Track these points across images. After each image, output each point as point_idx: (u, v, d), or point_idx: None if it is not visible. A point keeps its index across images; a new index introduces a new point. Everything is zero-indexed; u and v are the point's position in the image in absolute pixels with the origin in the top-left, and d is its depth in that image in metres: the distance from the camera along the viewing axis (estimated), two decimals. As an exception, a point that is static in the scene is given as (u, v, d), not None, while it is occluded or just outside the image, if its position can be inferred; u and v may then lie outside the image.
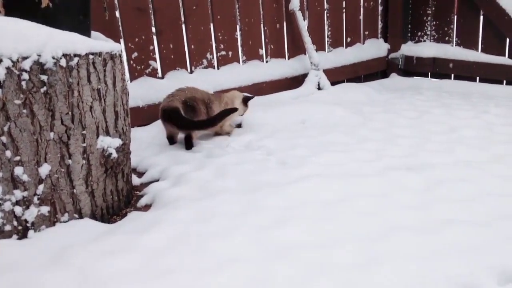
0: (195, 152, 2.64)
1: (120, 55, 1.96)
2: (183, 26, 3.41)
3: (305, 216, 1.80)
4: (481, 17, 4.15)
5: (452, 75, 4.42)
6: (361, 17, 4.59)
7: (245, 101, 2.99)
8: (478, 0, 4.06)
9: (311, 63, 3.99)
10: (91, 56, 1.77)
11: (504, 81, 4.06)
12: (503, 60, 4.02)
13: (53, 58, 1.64)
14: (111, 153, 1.91)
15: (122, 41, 3.10)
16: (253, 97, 3.07)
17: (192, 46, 3.43)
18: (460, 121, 3.06)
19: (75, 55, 1.71)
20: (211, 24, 3.55)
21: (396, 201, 1.91)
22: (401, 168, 2.25)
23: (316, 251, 1.56)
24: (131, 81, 3.16)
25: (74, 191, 1.81)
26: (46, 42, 1.64)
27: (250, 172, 2.26)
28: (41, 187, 1.71)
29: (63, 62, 1.67)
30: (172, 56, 3.34)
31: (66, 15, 1.86)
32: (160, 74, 3.33)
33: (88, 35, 2.00)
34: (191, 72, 3.45)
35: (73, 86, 1.72)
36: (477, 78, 4.24)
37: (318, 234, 1.67)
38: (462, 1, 4.26)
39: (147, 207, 2.07)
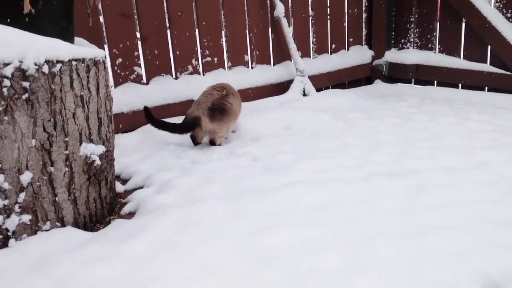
0: (180, 159, 2.62)
1: (104, 61, 1.95)
2: (168, 32, 3.40)
3: (291, 222, 1.80)
4: (463, 25, 4.21)
5: (435, 81, 4.47)
6: (346, 24, 4.63)
7: None
8: (460, 8, 4.12)
9: (296, 69, 4.01)
10: (74, 63, 1.75)
11: (486, 88, 4.13)
12: (485, 67, 4.08)
13: (35, 64, 1.62)
14: (94, 160, 1.89)
15: (106, 46, 3.08)
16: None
17: (177, 52, 3.42)
18: (443, 128, 3.10)
19: (58, 62, 1.70)
20: (197, 30, 3.55)
21: (380, 207, 1.92)
22: (385, 174, 2.27)
23: (302, 258, 1.55)
24: (115, 87, 3.14)
25: (56, 199, 1.78)
26: (28, 48, 1.62)
27: (236, 179, 2.25)
28: (22, 195, 1.68)
29: (45, 69, 1.65)
30: (157, 62, 3.32)
31: (49, 21, 1.84)
32: (144, 80, 3.32)
33: (72, 41, 1.98)
34: (176, 78, 3.44)
35: (55, 92, 1.70)
36: (460, 84, 4.31)
37: (303, 241, 1.67)
38: (445, 9, 4.33)
39: (131, 215, 2.05)
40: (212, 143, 2.83)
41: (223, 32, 3.70)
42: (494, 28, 3.92)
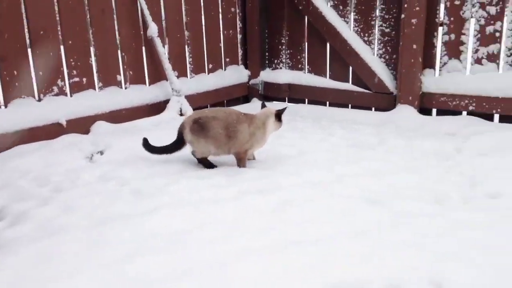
0: (40, 187, 2.44)
1: None
2: (30, 51, 3.18)
3: (157, 247, 1.78)
4: (328, 47, 4.52)
5: (306, 100, 4.74)
6: (222, 44, 4.72)
7: (278, 116, 2.87)
8: (324, 31, 4.43)
9: (172, 89, 3.98)
10: None
11: (350, 105, 4.47)
12: (348, 86, 4.42)
13: None
14: None
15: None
16: (285, 108, 2.92)
17: (40, 73, 3.20)
18: (311, 144, 3.28)
19: None
20: (62, 49, 3.37)
21: (247, 225, 1.98)
22: (255, 191, 2.33)
23: (167, 283, 1.54)
24: (-34, 110, 2.85)
25: None
26: None
27: (100, 205, 2.16)
28: None
29: None
30: (16, 84, 3.08)
31: None
32: (2, 103, 3.05)
33: None
34: (40, 100, 3.22)
35: None
36: (327, 103, 4.61)
37: (169, 265, 1.66)
38: (311, 32, 4.61)
39: (-21, 252, 1.86)
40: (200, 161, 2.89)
41: (92, 51, 3.56)
42: (354, 50, 4.27)
